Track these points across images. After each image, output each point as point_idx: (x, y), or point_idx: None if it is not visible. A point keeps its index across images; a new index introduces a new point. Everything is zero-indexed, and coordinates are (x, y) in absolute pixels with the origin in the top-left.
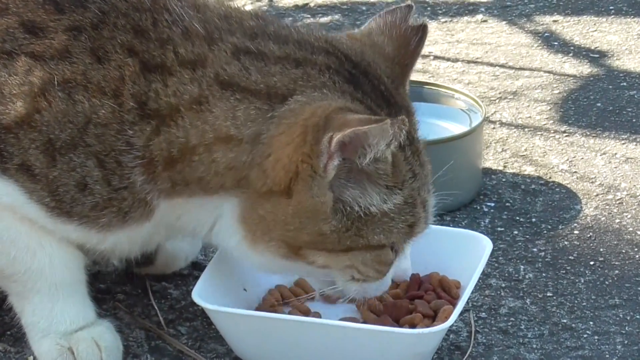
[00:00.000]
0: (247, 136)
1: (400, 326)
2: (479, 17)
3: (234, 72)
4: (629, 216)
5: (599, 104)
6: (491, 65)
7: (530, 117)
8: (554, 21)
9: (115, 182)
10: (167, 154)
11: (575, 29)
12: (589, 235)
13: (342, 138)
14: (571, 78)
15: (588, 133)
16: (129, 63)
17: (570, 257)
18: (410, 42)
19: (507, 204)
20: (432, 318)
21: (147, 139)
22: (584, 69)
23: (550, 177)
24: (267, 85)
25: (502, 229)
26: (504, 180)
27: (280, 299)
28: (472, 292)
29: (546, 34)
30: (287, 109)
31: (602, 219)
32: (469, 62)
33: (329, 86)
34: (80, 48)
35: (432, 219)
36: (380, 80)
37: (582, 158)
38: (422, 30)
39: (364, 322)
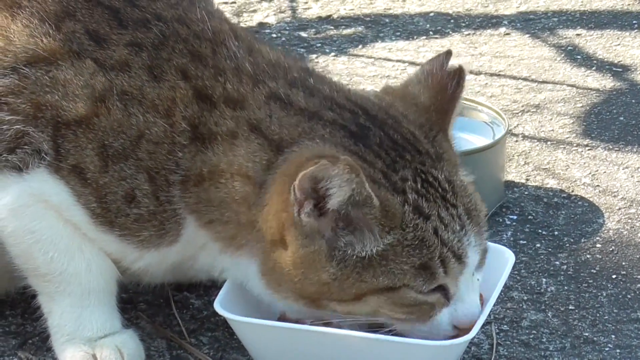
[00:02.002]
0: (259, 182)
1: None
2: (502, 30)
3: (261, 117)
4: None
5: (621, 118)
6: (514, 78)
7: (552, 130)
8: (577, 35)
9: (162, 198)
10: (199, 172)
11: (599, 42)
12: (611, 249)
13: (299, 184)
14: (594, 92)
15: (611, 147)
16: (181, 86)
17: (592, 271)
18: (448, 87)
19: (530, 217)
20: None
21: (191, 160)
22: (607, 82)
23: (572, 191)
24: (280, 136)
25: (525, 241)
26: (526, 193)
27: None
28: (494, 305)
29: (569, 48)
30: (282, 159)
31: (625, 232)
32: (491, 75)
33: (325, 138)
34: (139, 64)
35: (474, 256)
36: (398, 130)
37: (605, 172)
38: (458, 74)
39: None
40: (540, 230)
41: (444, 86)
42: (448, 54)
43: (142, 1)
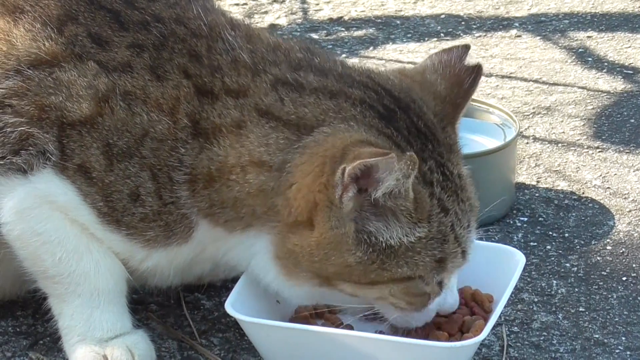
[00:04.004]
0: (276, 163)
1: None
2: (513, 32)
3: (270, 102)
4: None
5: (632, 120)
6: (525, 80)
7: (563, 132)
8: (588, 37)
9: (166, 197)
10: (207, 171)
11: (609, 45)
12: (621, 251)
13: (352, 170)
14: (605, 94)
15: (621, 149)
16: (184, 84)
17: (602, 273)
18: (464, 82)
19: (540, 218)
20: (459, 337)
21: (195, 157)
22: (618, 84)
23: (583, 193)
24: (297, 115)
25: (535, 243)
26: (537, 195)
27: (313, 311)
28: (505, 307)
29: (580, 50)
30: (312, 140)
31: (635, 234)
32: (502, 77)
33: (358, 119)
34: (141, 65)
35: (472, 252)
36: (421, 117)
37: (616, 174)
38: (476, 71)
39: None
40: (550, 232)
41: (460, 80)
42: (466, 47)
43: (141, 3)
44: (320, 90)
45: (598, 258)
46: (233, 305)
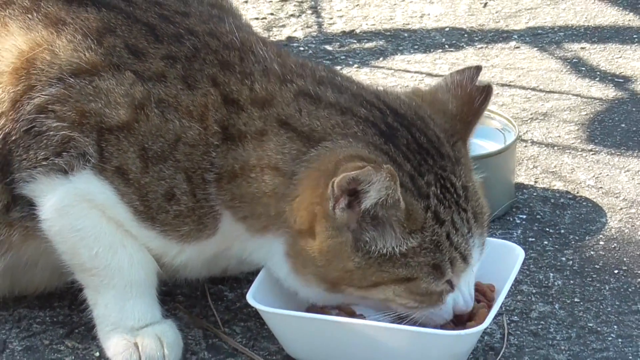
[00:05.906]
0: (288, 173)
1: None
2: (512, 43)
3: (290, 112)
4: None
5: (623, 125)
6: (523, 88)
7: (559, 136)
8: (582, 48)
9: (199, 195)
10: (231, 169)
11: (602, 55)
12: (613, 246)
13: (339, 182)
14: (597, 101)
15: (613, 152)
16: (212, 92)
17: (596, 266)
18: (475, 101)
19: (538, 216)
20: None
21: (223, 158)
22: (610, 92)
23: (578, 192)
24: (310, 128)
25: (533, 239)
26: (535, 194)
27: None
28: (505, 298)
29: (574, 60)
30: (315, 154)
31: (626, 231)
32: (502, 85)
33: (358, 136)
34: (174, 75)
35: (477, 255)
36: (425, 133)
37: (608, 175)
38: (486, 91)
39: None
40: (547, 229)
41: (471, 99)
42: (478, 69)
43: (176, 17)
44: (334, 106)
45: (592, 252)
46: (254, 297)
